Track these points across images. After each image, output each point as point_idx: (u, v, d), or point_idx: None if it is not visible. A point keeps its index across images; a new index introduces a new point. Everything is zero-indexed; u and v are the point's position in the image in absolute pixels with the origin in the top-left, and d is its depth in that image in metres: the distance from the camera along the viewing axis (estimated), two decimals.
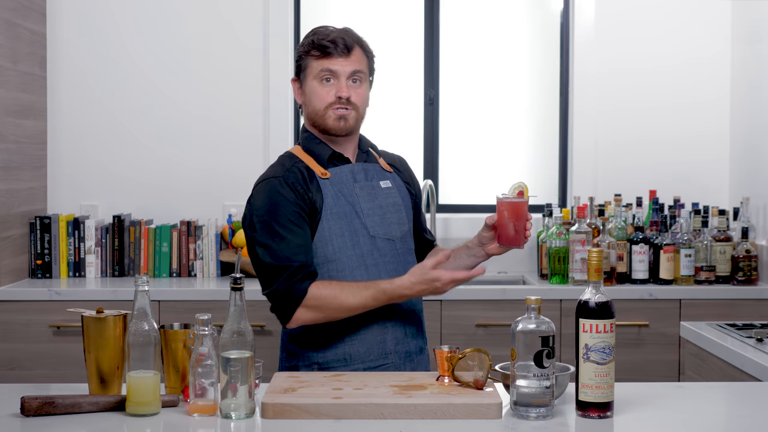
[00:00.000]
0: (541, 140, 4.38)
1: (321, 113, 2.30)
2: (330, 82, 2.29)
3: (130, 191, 4.12)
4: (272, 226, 2.22)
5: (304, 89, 2.33)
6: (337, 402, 1.82)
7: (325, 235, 2.26)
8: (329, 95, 2.29)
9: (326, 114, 2.29)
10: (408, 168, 2.54)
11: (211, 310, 3.21)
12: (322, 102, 2.29)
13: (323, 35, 2.31)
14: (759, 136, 3.95)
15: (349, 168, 2.34)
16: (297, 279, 2.18)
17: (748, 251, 3.73)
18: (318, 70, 2.29)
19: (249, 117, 4.14)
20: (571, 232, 3.72)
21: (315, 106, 2.31)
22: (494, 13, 4.36)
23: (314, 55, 2.29)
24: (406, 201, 2.43)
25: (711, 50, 4.20)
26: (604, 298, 1.82)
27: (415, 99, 4.33)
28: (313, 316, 2.20)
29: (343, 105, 2.29)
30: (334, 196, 2.28)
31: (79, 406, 1.83)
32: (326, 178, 2.30)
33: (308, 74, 2.31)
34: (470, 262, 2.37)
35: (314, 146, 2.33)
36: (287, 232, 2.21)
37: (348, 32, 2.33)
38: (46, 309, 3.57)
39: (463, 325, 3.61)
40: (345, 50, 2.29)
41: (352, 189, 2.31)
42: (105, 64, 4.12)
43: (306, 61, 2.32)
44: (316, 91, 2.30)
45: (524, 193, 2.29)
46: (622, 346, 3.52)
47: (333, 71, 2.28)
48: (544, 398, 1.80)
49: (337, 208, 2.27)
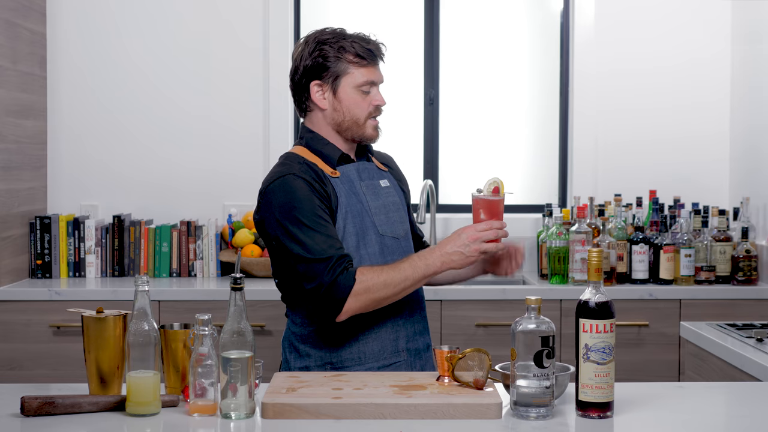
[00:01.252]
0: (541, 140, 4.38)
1: (361, 123, 2.29)
2: (367, 92, 2.29)
3: (130, 191, 4.12)
4: (300, 220, 2.17)
5: (339, 96, 2.28)
6: (337, 402, 1.81)
7: (340, 234, 2.24)
8: (370, 105, 2.29)
9: (366, 123, 2.30)
10: (397, 166, 2.55)
11: (211, 310, 3.21)
12: (363, 112, 2.29)
13: (363, 41, 2.28)
14: (759, 136, 3.95)
15: (355, 167, 2.34)
16: (341, 269, 2.14)
17: (748, 251, 3.73)
18: (361, 80, 2.27)
19: (249, 117, 4.14)
20: (571, 232, 3.72)
21: (356, 115, 2.28)
22: (494, 13, 4.36)
23: (354, 62, 2.26)
24: (402, 199, 2.45)
25: (711, 50, 4.20)
26: (604, 298, 1.82)
27: (415, 99, 4.33)
28: (363, 304, 2.15)
29: (378, 114, 2.31)
30: (347, 195, 2.28)
31: (79, 406, 1.83)
32: (336, 177, 2.29)
33: (347, 82, 2.27)
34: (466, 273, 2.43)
35: (323, 147, 2.31)
36: (316, 225, 2.17)
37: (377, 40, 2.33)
38: (46, 309, 3.57)
39: (463, 325, 3.61)
40: (382, 59, 2.32)
41: (360, 187, 2.31)
42: (105, 64, 4.12)
43: (341, 66, 2.26)
44: (356, 101, 2.28)
45: (500, 190, 2.22)
46: (622, 346, 3.52)
47: (374, 82, 2.29)
48: (544, 398, 1.80)
49: (350, 207, 2.27)
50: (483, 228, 2.16)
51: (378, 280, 2.14)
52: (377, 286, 2.14)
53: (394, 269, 2.17)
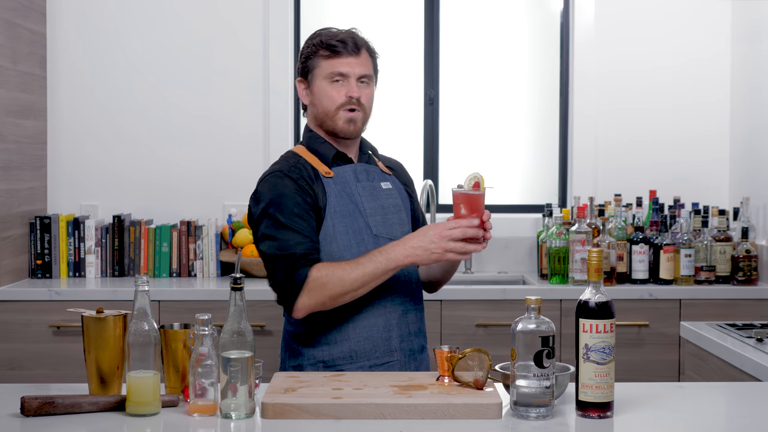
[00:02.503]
0: (541, 140, 4.38)
1: (331, 114, 2.30)
2: (339, 82, 2.29)
3: (130, 191, 4.12)
4: (277, 219, 2.21)
5: (312, 89, 2.33)
6: (337, 402, 1.81)
7: (329, 233, 2.26)
8: (340, 95, 2.29)
9: (336, 115, 2.30)
10: (405, 171, 2.55)
11: (211, 310, 3.21)
12: (332, 102, 2.29)
13: (332, 35, 2.31)
14: (759, 136, 3.95)
15: (352, 168, 2.35)
16: (298, 266, 2.16)
17: (748, 251, 3.73)
18: (328, 71, 2.29)
19: (249, 117, 4.14)
20: (571, 232, 3.72)
21: (325, 106, 2.30)
22: (494, 13, 4.36)
23: (323, 55, 2.29)
24: (406, 203, 2.45)
25: (711, 51, 4.20)
26: (604, 298, 1.82)
27: (415, 99, 4.33)
28: (317, 300, 2.16)
29: (353, 105, 2.29)
30: (338, 195, 2.29)
31: (79, 406, 1.83)
32: (330, 177, 2.30)
33: (317, 74, 2.30)
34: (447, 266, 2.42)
35: (318, 146, 2.34)
36: (292, 224, 2.20)
37: (355, 33, 2.34)
38: (46, 309, 3.57)
39: (463, 325, 3.61)
40: (355, 50, 2.30)
41: (355, 188, 2.32)
42: (105, 64, 4.12)
43: (314, 61, 2.31)
44: (326, 91, 2.29)
45: (480, 185, 2.19)
46: (622, 346, 3.52)
47: (343, 73, 2.29)
48: (544, 398, 1.80)
49: (341, 207, 2.28)
50: (451, 227, 2.14)
51: (333, 276, 2.15)
52: (332, 282, 2.14)
53: (352, 264, 2.16)
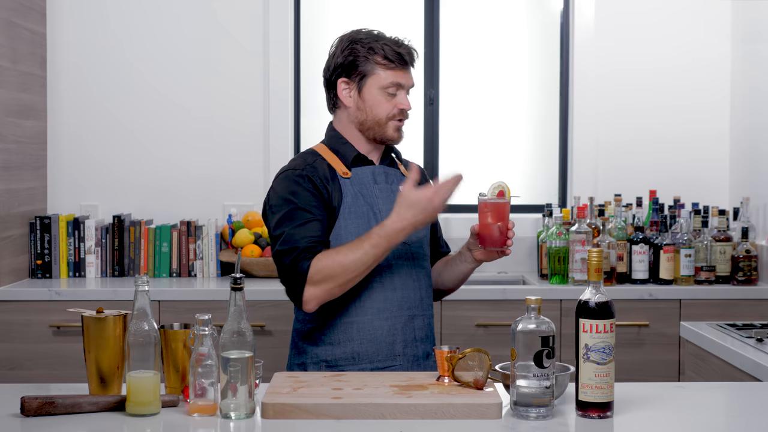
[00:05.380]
0: (541, 140, 4.38)
1: (382, 123, 2.31)
2: (393, 93, 2.31)
3: (130, 191, 4.12)
4: (289, 215, 2.22)
5: (363, 95, 2.31)
6: (337, 402, 1.81)
7: (341, 234, 2.26)
8: (393, 107, 2.31)
9: (387, 124, 2.32)
10: (426, 177, 2.56)
11: (211, 310, 3.21)
12: (385, 113, 2.31)
13: (393, 44, 2.31)
14: (759, 136, 3.95)
15: (371, 169, 2.36)
16: (300, 258, 2.17)
17: (748, 251, 3.73)
18: (387, 81, 2.30)
19: (249, 117, 4.14)
20: (571, 232, 3.72)
21: (377, 115, 2.31)
22: (494, 14, 4.36)
23: (382, 64, 2.29)
24: None
25: (711, 51, 4.20)
26: (604, 298, 1.82)
27: (415, 99, 4.32)
28: (324, 289, 2.17)
29: (403, 117, 2.33)
30: (354, 196, 2.30)
31: (79, 406, 1.83)
32: (347, 177, 2.31)
33: (372, 82, 2.30)
34: (464, 267, 2.42)
35: (340, 146, 2.35)
36: (302, 220, 2.21)
37: (412, 47, 2.36)
38: (46, 309, 3.57)
39: (463, 325, 3.61)
40: (412, 64, 2.34)
41: (372, 190, 2.33)
42: (105, 64, 4.11)
43: (369, 66, 2.30)
44: (380, 101, 2.30)
45: (505, 194, 2.25)
46: (622, 346, 3.52)
47: (401, 84, 2.31)
48: (544, 398, 1.80)
49: (355, 208, 2.29)
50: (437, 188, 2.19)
51: (334, 264, 2.15)
52: (334, 270, 2.15)
53: (350, 247, 2.17)
